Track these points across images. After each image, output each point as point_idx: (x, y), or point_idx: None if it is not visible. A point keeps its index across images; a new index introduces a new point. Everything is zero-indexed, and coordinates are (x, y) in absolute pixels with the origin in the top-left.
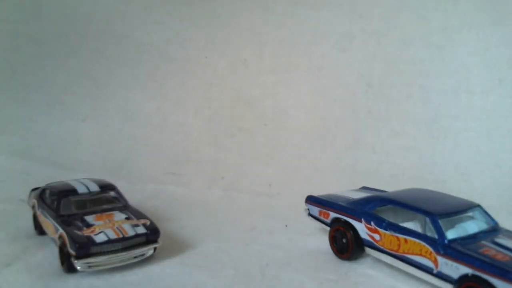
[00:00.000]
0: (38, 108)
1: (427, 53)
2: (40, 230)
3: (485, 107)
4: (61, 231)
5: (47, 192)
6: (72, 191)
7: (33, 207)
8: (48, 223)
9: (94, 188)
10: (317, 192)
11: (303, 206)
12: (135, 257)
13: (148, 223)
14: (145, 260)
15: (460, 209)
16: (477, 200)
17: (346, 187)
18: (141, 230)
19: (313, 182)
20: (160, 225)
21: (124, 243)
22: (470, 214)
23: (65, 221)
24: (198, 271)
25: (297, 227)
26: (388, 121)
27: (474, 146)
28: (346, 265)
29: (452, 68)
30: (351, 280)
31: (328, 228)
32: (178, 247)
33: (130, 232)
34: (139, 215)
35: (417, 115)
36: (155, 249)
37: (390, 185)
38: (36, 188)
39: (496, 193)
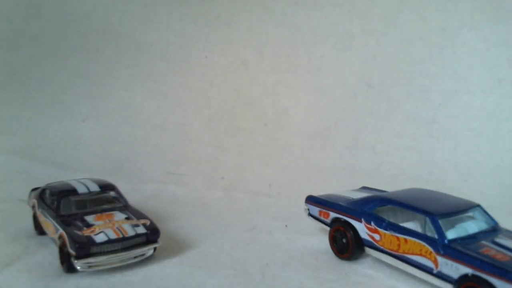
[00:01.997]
0: (38, 108)
1: (427, 53)
2: (40, 230)
3: (485, 107)
4: (61, 231)
5: (47, 192)
6: (72, 191)
7: (33, 207)
8: (48, 223)
9: (94, 188)
10: (317, 192)
11: (303, 206)
12: (135, 257)
13: (148, 223)
14: (145, 260)
15: (460, 209)
16: (477, 200)
17: (346, 187)
18: (141, 230)
19: (313, 182)
20: (160, 225)
21: (124, 243)
22: (470, 214)
23: (65, 221)
24: (198, 271)
25: (297, 227)
26: (388, 121)
27: (474, 146)
28: (346, 265)
29: (452, 68)
30: (351, 280)
31: (328, 228)
32: (178, 247)
33: (130, 232)
34: (139, 215)
35: (417, 115)
36: (155, 249)
37: (390, 185)
38: (36, 188)
39: (496, 193)
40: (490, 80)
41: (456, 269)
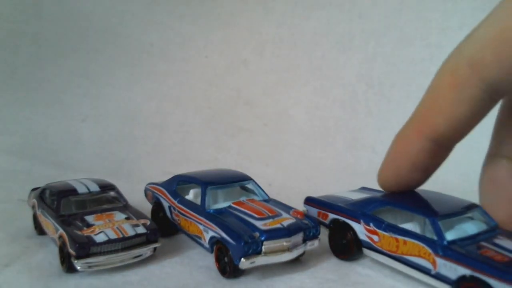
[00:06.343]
0: (38, 108)
1: (427, 53)
2: (40, 230)
3: None
4: (61, 231)
5: (47, 192)
6: (72, 191)
7: (33, 207)
8: (48, 223)
9: (94, 188)
10: (317, 192)
11: (302, 206)
12: (135, 257)
13: (148, 223)
14: (145, 260)
15: (460, 210)
16: (477, 201)
17: (347, 188)
18: (141, 230)
19: (313, 182)
20: None
21: (124, 243)
22: (470, 215)
23: (65, 221)
24: (198, 271)
25: None
26: (388, 121)
27: (474, 146)
28: (346, 265)
29: None
30: (351, 280)
31: (327, 229)
32: (178, 247)
33: (130, 232)
34: (139, 215)
35: None
36: (155, 249)
37: None
38: (36, 188)
39: None
40: None
41: (455, 270)
